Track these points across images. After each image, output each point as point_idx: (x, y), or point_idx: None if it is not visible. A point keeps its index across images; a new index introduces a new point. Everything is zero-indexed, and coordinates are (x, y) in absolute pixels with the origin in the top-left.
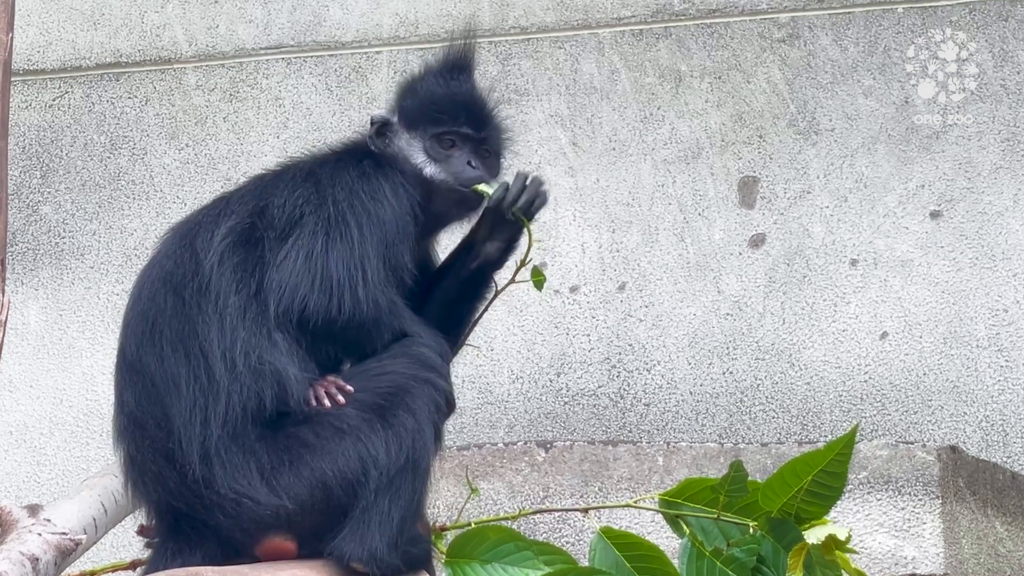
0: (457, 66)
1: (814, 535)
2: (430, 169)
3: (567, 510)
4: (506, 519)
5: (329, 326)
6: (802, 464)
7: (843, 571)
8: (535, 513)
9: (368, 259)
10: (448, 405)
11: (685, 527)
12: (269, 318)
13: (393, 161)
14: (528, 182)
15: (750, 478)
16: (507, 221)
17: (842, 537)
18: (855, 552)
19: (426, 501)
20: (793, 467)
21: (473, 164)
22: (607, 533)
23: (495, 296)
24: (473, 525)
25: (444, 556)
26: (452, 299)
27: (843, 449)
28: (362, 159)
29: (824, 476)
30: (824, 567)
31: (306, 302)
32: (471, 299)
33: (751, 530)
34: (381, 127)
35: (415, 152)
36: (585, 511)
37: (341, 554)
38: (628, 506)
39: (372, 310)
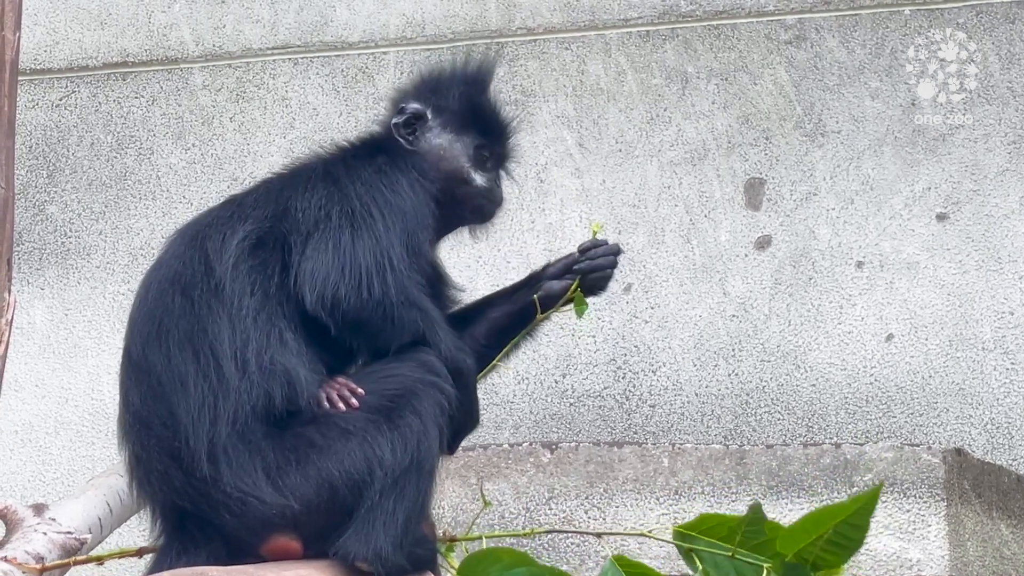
0: (489, 77)
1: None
2: (472, 175)
3: (581, 532)
4: (518, 535)
5: (359, 312)
6: (825, 515)
7: None
8: (548, 532)
9: (393, 248)
10: (464, 416)
11: (698, 562)
12: (282, 319)
13: (415, 156)
14: (607, 257)
15: (764, 512)
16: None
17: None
18: None
19: (431, 502)
20: (816, 517)
21: (498, 183)
22: (619, 561)
23: (535, 325)
24: (484, 538)
25: (455, 571)
26: (502, 324)
27: (866, 504)
28: (375, 155)
29: (845, 527)
30: None
31: (337, 288)
32: (519, 328)
33: (765, 571)
34: (413, 119)
35: (458, 155)
36: (599, 536)
37: (346, 554)
38: (643, 535)
39: (400, 296)
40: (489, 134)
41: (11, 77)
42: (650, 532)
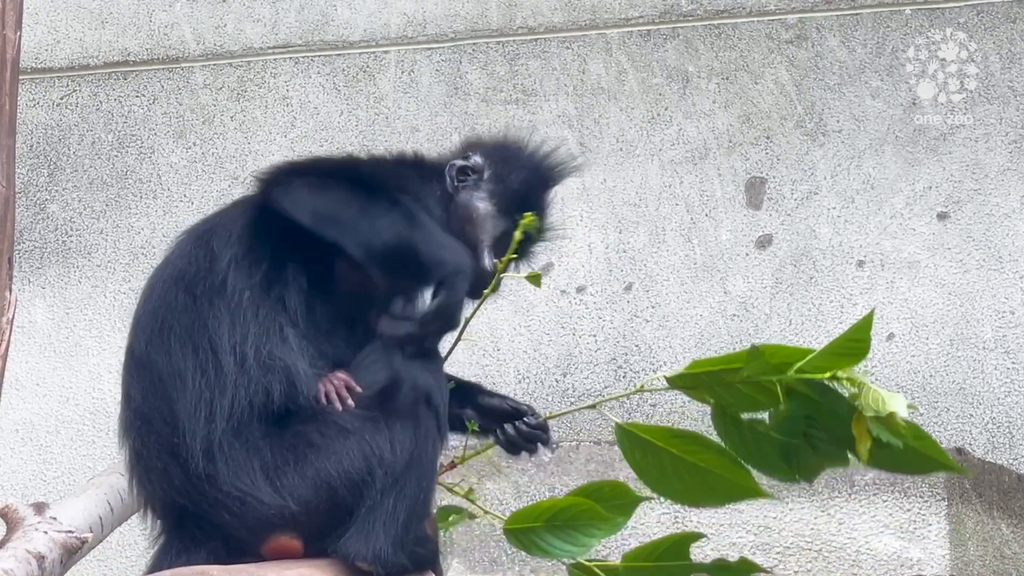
0: (560, 180)
1: (869, 408)
2: (485, 254)
3: (578, 410)
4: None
5: (387, 237)
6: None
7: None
8: (552, 418)
9: (413, 212)
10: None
11: (708, 396)
12: (283, 314)
13: (449, 199)
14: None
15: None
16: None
17: (902, 412)
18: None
19: (432, 499)
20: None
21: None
22: (627, 426)
23: (483, 300)
24: (489, 451)
25: (480, 512)
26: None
27: (864, 325)
28: (404, 169)
29: (847, 342)
30: (887, 432)
31: (357, 233)
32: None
33: (779, 388)
34: (471, 169)
35: (486, 228)
36: (594, 407)
37: (346, 553)
38: (639, 391)
39: (424, 226)
40: (521, 231)
41: (12, 76)
42: (644, 385)
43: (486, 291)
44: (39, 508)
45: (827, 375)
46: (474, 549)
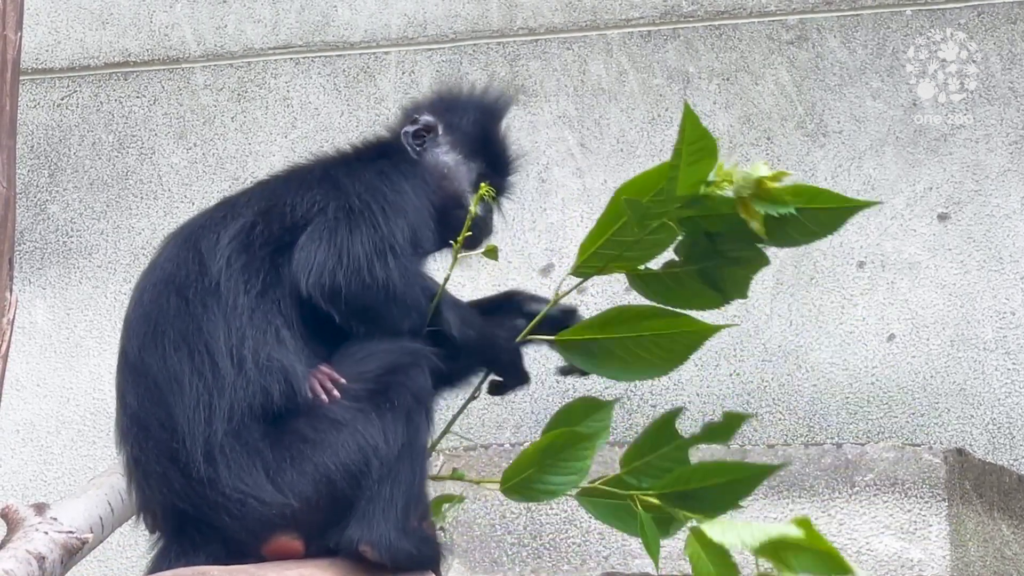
0: (506, 111)
1: (743, 190)
2: (469, 201)
3: (541, 339)
4: None
5: (362, 297)
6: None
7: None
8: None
9: (395, 236)
10: (511, 379)
11: (617, 265)
12: (278, 315)
13: (418, 166)
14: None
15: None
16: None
17: (763, 172)
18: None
19: (427, 483)
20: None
21: (490, 214)
22: (566, 335)
23: (454, 266)
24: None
25: (500, 487)
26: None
27: (689, 124)
28: (376, 159)
29: (692, 148)
30: (772, 204)
31: (335, 274)
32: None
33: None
34: (424, 130)
35: (461, 178)
36: (528, 339)
37: (349, 542)
38: (557, 300)
39: (403, 277)
40: (494, 166)
41: (13, 77)
42: (558, 295)
43: (454, 260)
44: (39, 509)
45: (700, 189)
46: (474, 549)
